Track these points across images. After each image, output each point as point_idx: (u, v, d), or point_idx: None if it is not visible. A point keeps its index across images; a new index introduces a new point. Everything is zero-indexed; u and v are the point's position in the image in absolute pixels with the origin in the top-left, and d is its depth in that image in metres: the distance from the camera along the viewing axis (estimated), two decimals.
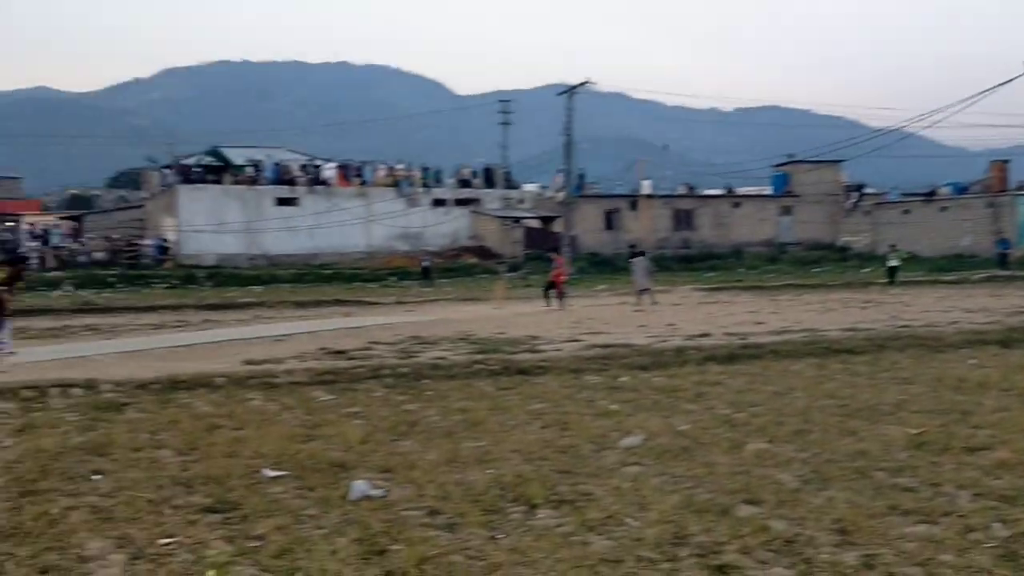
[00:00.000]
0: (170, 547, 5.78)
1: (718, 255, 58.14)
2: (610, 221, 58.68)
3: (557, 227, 55.00)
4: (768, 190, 66.52)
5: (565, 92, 50.05)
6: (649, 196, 59.49)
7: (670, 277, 46.27)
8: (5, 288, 16.15)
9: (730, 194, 65.94)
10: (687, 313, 24.50)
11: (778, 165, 67.25)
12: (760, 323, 20.84)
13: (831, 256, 58.43)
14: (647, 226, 53.34)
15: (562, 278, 28.81)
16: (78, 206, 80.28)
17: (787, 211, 63.17)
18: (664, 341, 16.83)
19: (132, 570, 5.39)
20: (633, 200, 59.04)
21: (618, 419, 9.66)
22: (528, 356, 14.89)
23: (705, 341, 16.81)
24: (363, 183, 55.66)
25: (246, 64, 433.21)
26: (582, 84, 49.19)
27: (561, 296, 28.08)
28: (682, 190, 65.99)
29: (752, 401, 10.65)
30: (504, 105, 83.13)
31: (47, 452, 8.30)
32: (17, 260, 18.75)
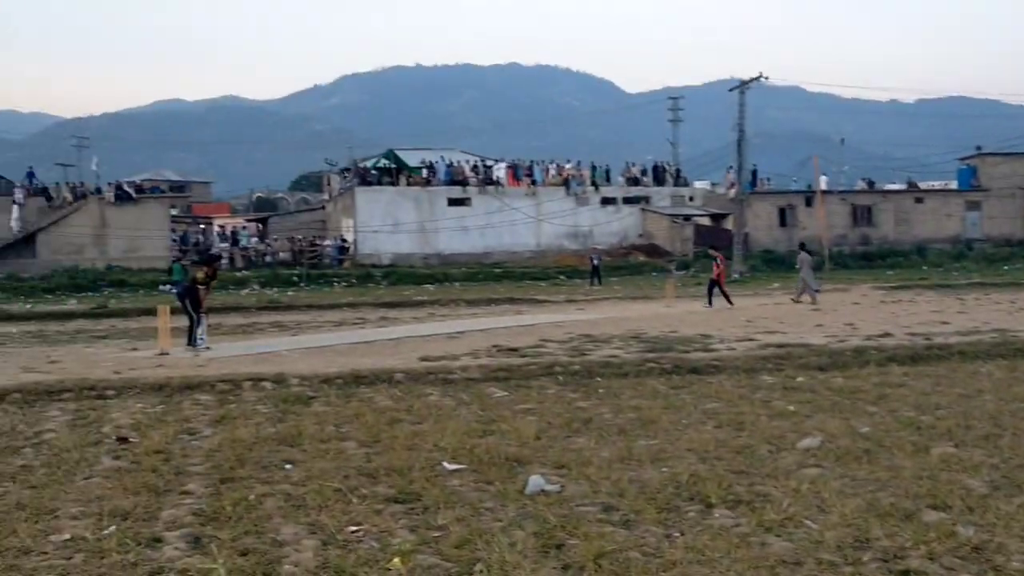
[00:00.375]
0: (358, 534, 6.06)
1: (899, 252, 55.86)
2: (784, 218, 57.26)
3: (728, 225, 54.10)
4: (953, 184, 63.46)
5: (737, 87, 49.16)
6: (825, 192, 57.71)
7: (848, 275, 44.88)
8: (203, 286, 17.14)
9: (912, 189, 63.24)
10: (867, 312, 23.69)
11: (964, 158, 64.05)
12: (945, 323, 19.96)
13: (1022, 253, 55.25)
14: (823, 223, 51.68)
15: (723, 277, 28.35)
16: (263, 208, 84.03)
17: (975, 206, 60.12)
18: (842, 341, 16.36)
19: (324, 555, 5.67)
20: (808, 196, 57.39)
21: (795, 420, 9.49)
22: (701, 355, 14.75)
23: (886, 341, 16.24)
24: (533, 182, 56.14)
25: (419, 68, 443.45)
26: (755, 79, 48.19)
27: (725, 295, 27.61)
28: (860, 185, 63.70)
29: (938, 404, 10.26)
30: (674, 102, 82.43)
31: (243, 442, 8.80)
32: (213, 259, 19.87)
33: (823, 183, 59.79)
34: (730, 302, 27.25)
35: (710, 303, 27.28)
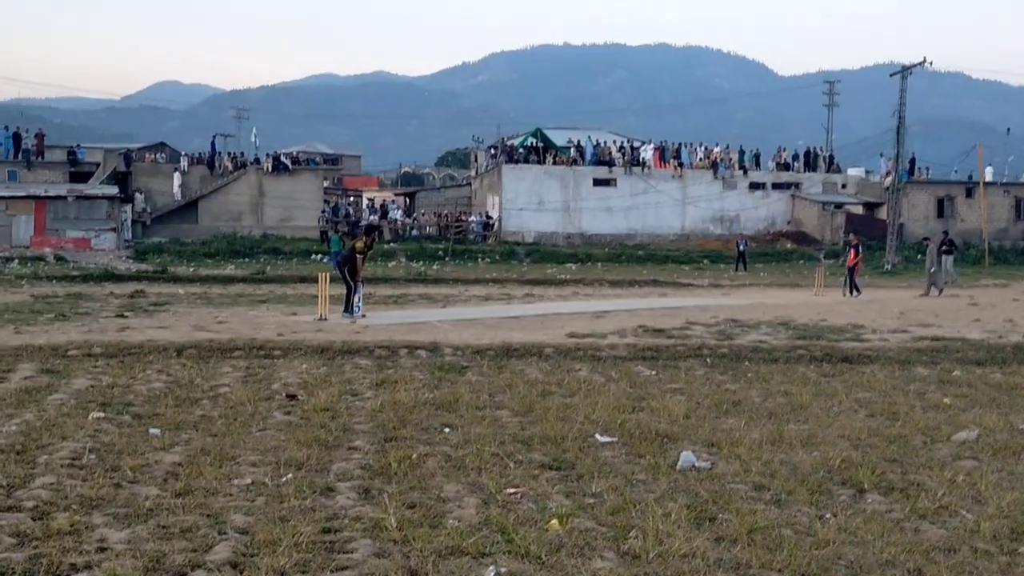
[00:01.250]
0: (516, 496, 6.35)
1: None
2: (942, 209, 55.16)
3: (882, 214, 52.49)
4: None
5: (898, 72, 47.57)
6: (988, 183, 55.29)
7: (1009, 271, 43.07)
8: (360, 255, 17.78)
9: None
10: None
11: None
12: None
13: None
14: (984, 215, 49.66)
15: (860, 266, 27.66)
16: (410, 183, 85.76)
17: None
18: (1001, 337, 15.84)
19: (485, 513, 5.98)
20: (969, 187, 55.13)
21: (951, 413, 9.36)
22: (852, 344, 14.55)
23: None
24: (680, 165, 55.67)
25: (567, 47, 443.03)
26: (918, 64, 46.52)
27: (855, 284, 26.92)
28: None
29: None
30: (829, 86, 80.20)
31: (403, 405, 9.23)
32: (372, 229, 20.59)
33: (987, 174, 57.29)
34: (857, 291, 26.59)
35: (850, 291, 26.68)
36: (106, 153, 55.27)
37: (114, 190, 48.23)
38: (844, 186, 58.36)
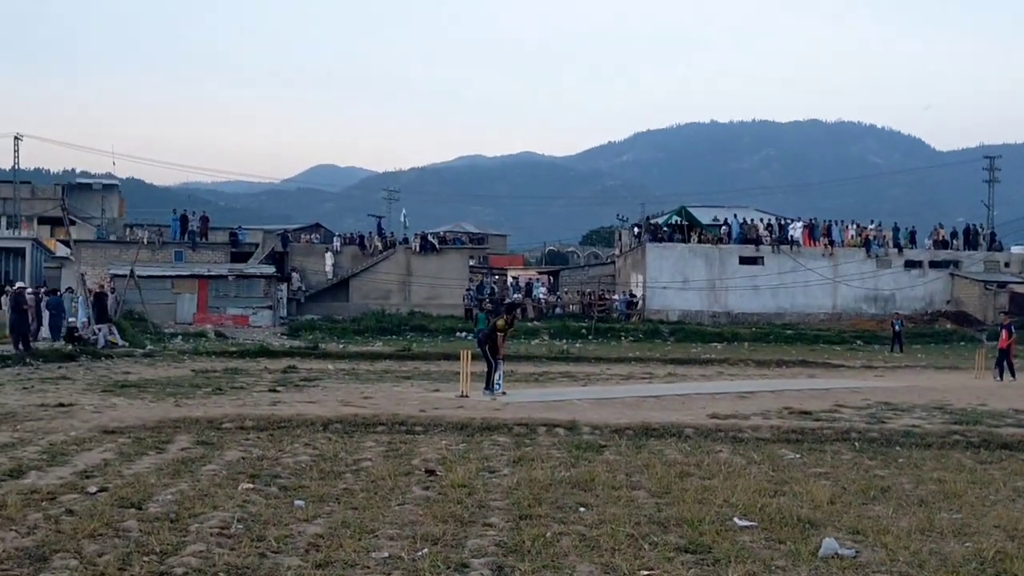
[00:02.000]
0: None
1: None
2: None
3: None
4: None
5: None
6: None
7: None
8: (501, 333, 18.01)
9: None
10: None
11: None
12: None
13: None
14: None
15: (1014, 347, 26.24)
16: (554, 261, 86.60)
17: None
18: None
19: None
20: None
21: None
22: (1013, 430, 13.83)
23: None
24: (831, 243, 54.48)
25: (714, 125, 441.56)
26: None
27: (1012, 367, 25.52)
28: None
29: None
30: (990, 161, 77.48)
31: (539, 482, 9.26)
32: (513, 308, 20.84)
33: None
34: (1013, 375, 25.21)
35: (1001, 376, 25.33)
36: (265, 234, 58.00)
37: (271, 269, 50.42)
38: (1007, 264, 55.97)
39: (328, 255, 54.40)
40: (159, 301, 44.91)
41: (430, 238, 56.93)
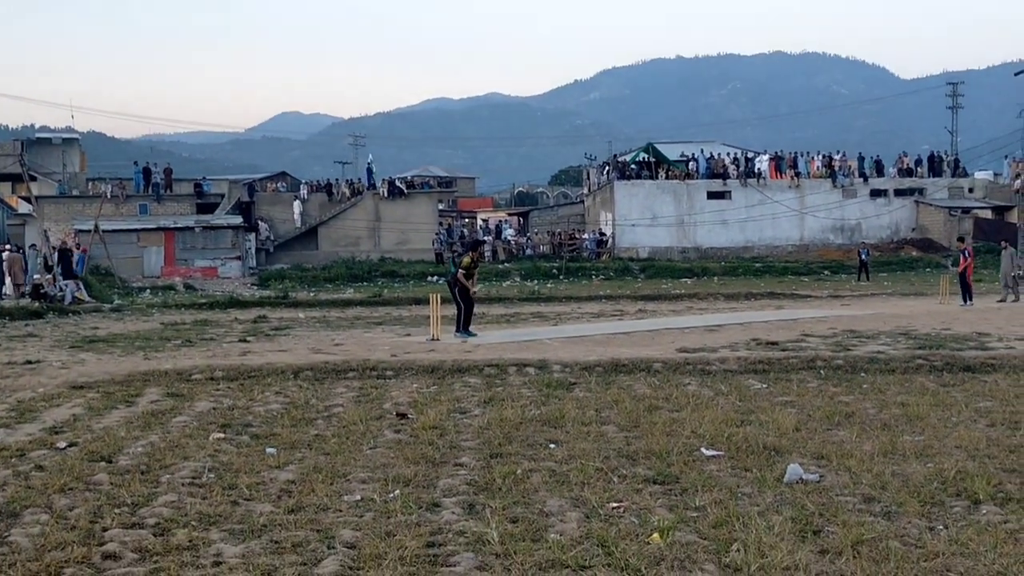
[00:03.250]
0: (619, 510, 6.37)
1: None
2: None
3: (1013, 218, 50.54)
4: None
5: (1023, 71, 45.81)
6: None
7: None
8: (464, 273, 17.89)
9: None
10: None
11: None
12: None
13: None
14: None
15: (971, 271, 26.61)
16: (524, 203, 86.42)
17: None
18: None
19: (587, 526, 6.01)
20: None
21: None
22: (976, 353, 14.06)
23: None
24: (797, 175, 54.65)
25: (679, 60, 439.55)
26: None
27: (969, 290, 25.88)
28: None
29: None
30: (953, 87, 77.73)
31: (510, 422, 9.34)
32: (477, 244, 20.69)
33: None
34: (969, 300, 25.54)
35: (965, 300, 25.67)
36: (230, 184, 57.44)
37: (238, 220, 50.01)
38: (971, 190, 56.45)
39: (296, 203, 54.01)
40: (125, 255, 44.49)
41: (398, 183, 56.58)
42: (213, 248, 47.70)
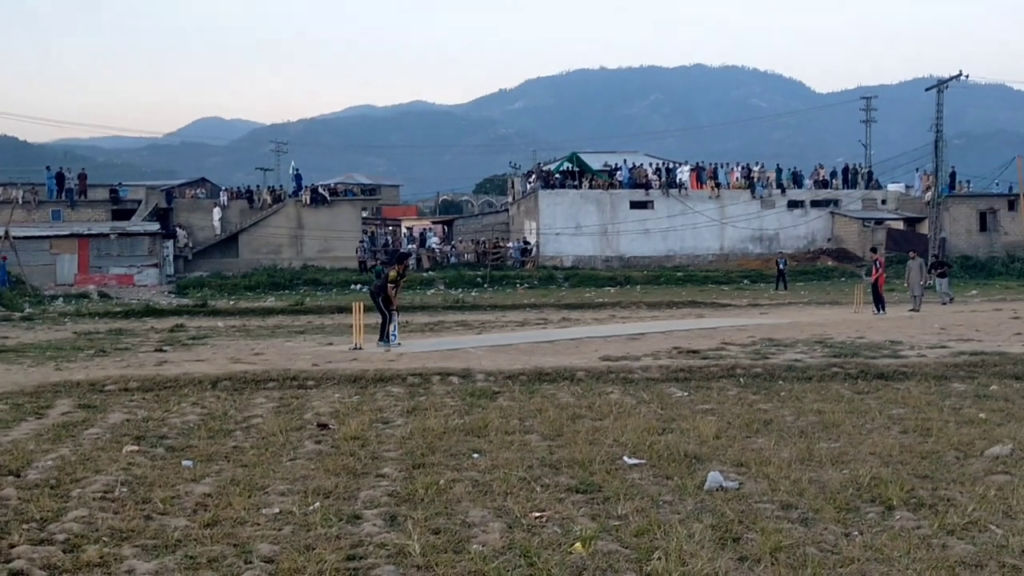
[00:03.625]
0: (541, 520, 6.36)
1: None
2: (984, 223, 54.45)
3: (924, 229, 51.97)
4: None
5: (935, 87, 47.21)
6: None
7: None
8: (392, 285, 17.87)
9: None
10: None
11: None
12: None
13: None
14: None
15: (883, 280, 27.29)
16: (448, 211, 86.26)
17: None
18: None
19: (510, 537, 5.99)
20: (1012, 200, 54.40)
21: (985, 428, 9.23)
22: (889, 361, 14.39)
23: None
24: (717, 185, 55.47)
25: (603, 71, 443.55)
26: (954, 78, 46.18)
27: (882, 300, 26.58)
28: None
29: None
30: (867, 102, 79.68)
31: (433, 431, 9.28)
32: (403, 257, 20.60)
33: None
34: (882, 309, 26.20)
35: (877, 309, 26.32)
36: (148, 190, 56.19)
37: (155, 226, 49.02)
38: (884, 202, 57.87)
39: (216, 210, 53.13)
40: (37, 263, 43.34)
41: (321, 190, 56.02)
42: (129, 255, 46.66)
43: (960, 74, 45.95)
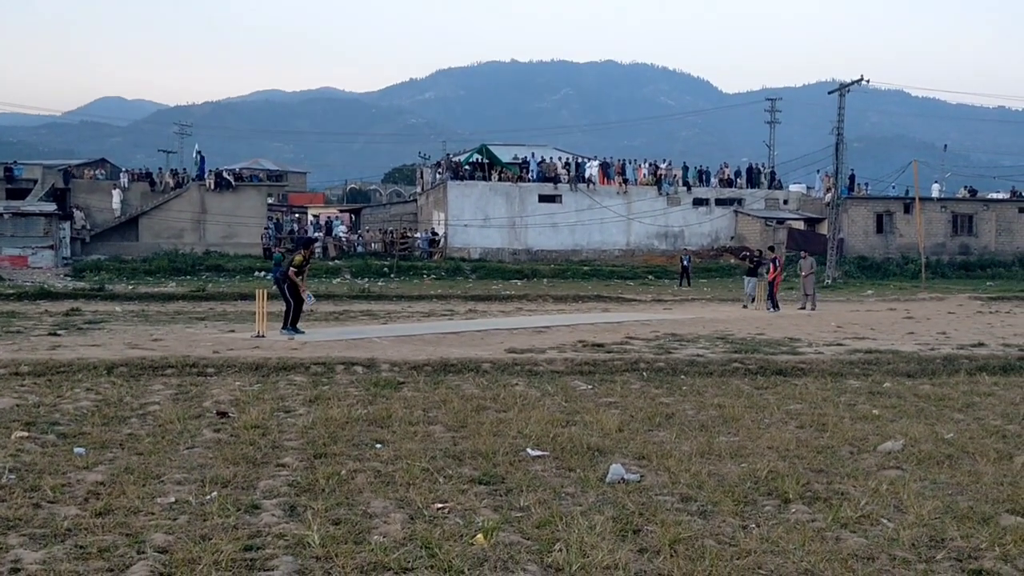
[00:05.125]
0: (444, 511, 6.33)
1: (1000, 263, 54.45)
2: (881, 224, 56.16)
3: (823, 229, 53.32)
4: None
5: (837, 90, 48.42)
6: (924, 199, 56.39)
7: (946, 285, 43.99)
8: (296, 270, 17.56)
9: (1016, 199, 61.46)
10: (962, 322, 23.24)
11: None
12: None
13: None
14: (921, 230, 50.58)
15: (779, 280, 28.00)
16: (356, 200, 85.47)
17: None
18: (933, 349, 16.14)
19: (411, 528, 5.94)
20: (907, 203, 56.20)
21: (879, 424, 9.51)
22: (787, 357, 14.73)
23: (979, 351, 15.97)
24: (625, 181, 56.06)
25: (514, 64, 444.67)
26: (856, 82, 47.40)
27: (773, 299, 27.35)
28: (963, 193, 62.21)
29: None
30: (771, 103, 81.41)
31: (335, 421, 9.17)
32: (309, 242, 20.27)
33: (934, 190, 58.52)
34: (775, 307, 26.94)
35: (774, 306, 27.03)
36: (44, 170, 54.46)
37: (52, 207, 47.46)
38: (786, 202, 59.20)
39: (115, 192, 51.71)
40: None
41: (225, 175, 54.94)
42: (23, 236, 45.07)
43: (861, 79, 47.12)
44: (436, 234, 53.82)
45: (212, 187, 52.31)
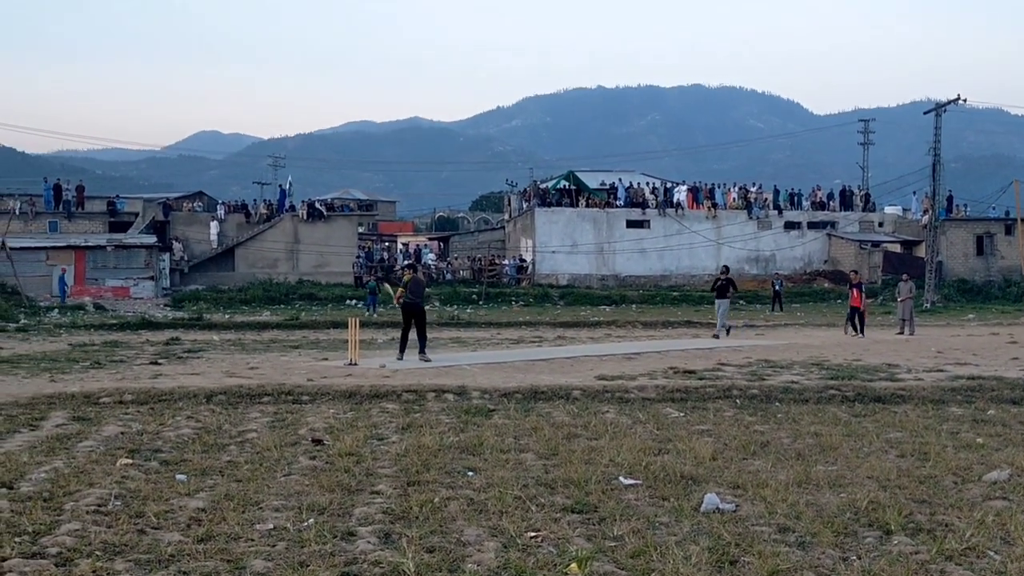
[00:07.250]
0: (537, 539, 6.31)
1: None
2: (981, 246, 54.61)
3: (920, 252, 52.06)
4: None
5: (932, 110, 47.37)
6: None
7: None
8: (402, 288, 18.14)
9: None
10: None
11: None
12: None
13: None
14: (1023, 252, 49.01)
15: (860, 303, 27.24)
16: (444, 228, 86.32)
17: None
18: None
19: (505, 556, 5.94)
20: (1009, 224, 54.53)
21: (983, 453, 9.20)
22: (886, 384, 14.38)
23: None
24: (714, 205, 55.60)
25: (600, 90, 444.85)
26: (952, 101, 46.30)
27: (862, 323, 26.58)
28: None
29: None
30: (865, 124, 79.94)
31: (428, 448, 9.23)
32: (414, 265, 20.81)
33: None
34: (858, 332, 26.19)
35: (860, 332, 26.30)
36: (145, 203, 56.26)
37: (152, 239, 48.99)
38: (881, 224, 58.03)
39: (213, 224, 53.18)
40: (33, 274, 43.24)
41: (317, 205, 56.06)
42: (126, 267, 46.62)
43: (958, 98, 46.02)
44: (524, 261, 54.01)
45: (305, 217, 53.38)
